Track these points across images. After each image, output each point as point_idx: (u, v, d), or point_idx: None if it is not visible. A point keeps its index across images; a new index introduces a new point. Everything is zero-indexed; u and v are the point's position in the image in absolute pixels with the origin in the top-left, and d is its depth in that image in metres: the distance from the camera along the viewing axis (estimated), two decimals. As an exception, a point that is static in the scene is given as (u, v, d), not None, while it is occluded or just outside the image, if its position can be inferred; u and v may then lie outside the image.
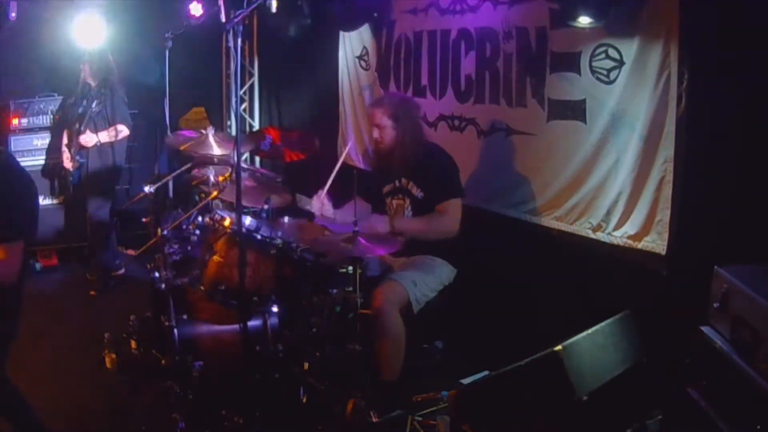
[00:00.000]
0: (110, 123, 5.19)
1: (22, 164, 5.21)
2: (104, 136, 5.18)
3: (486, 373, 3.53)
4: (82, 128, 5.12)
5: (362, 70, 5.34)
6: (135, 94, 5.61)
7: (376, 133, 3.66)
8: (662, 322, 3.05)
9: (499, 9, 3.97)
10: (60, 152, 5.42)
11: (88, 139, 5.13)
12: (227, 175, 3.62)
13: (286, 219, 3.80)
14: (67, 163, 5.27)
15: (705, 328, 2.43)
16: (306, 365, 3.30)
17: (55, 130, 5.67)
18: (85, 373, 3.81)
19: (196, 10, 5.55)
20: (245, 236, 3.23)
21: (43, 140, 5.73)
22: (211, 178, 3.69)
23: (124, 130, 5.28)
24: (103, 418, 3.46)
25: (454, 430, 3.11)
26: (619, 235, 3.37)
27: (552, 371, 2.92)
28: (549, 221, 3.78)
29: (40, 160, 5.72)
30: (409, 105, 3.76)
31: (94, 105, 5.11)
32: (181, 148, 3.97)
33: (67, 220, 5.82)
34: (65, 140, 5.33)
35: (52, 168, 5.71)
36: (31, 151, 5.70)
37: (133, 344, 3.79)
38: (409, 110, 3.69)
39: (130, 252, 5.83)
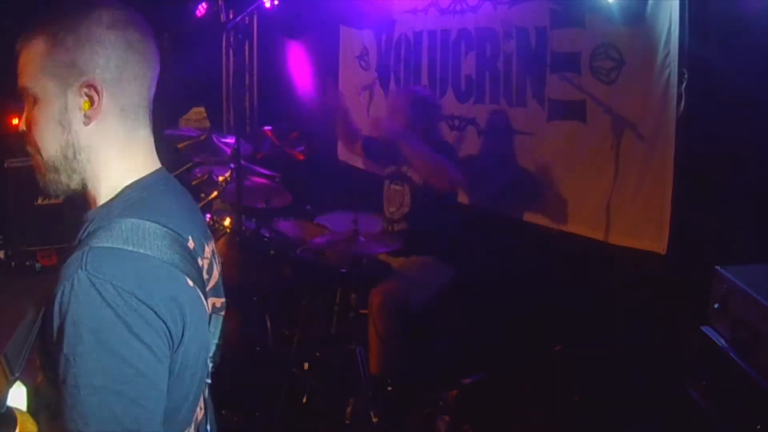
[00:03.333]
0: None
1: (21, 164, 5.30)
2: None
3: (486, 373, 3.53)
4: None
5: (362, 70, 5.33)
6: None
7: (388, 115, 3.80)
8: (662, 322, 3.05)
9: (499, 9, 3.97)
10: None
11: None
12: (227, 175, 3.62)
13: (285, 219, 3.81)
14: None
15: (705, 328, 2.43)
16: (306, 365, 3.30)
17: None
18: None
19: (201, 10, 5.56)
20: (245, 236, 3.24)
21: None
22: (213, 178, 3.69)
23: None
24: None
25: (454, 430, 3.12)
26: (619, 235, 3.37)
27: (552, 371, 2.93)
28: (549, 221, 3.78)
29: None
30: (430, 102, 3.89)
31: None
32: (180, 146, 3.97)
33: (67, 220, 5.82)
34: None
35: None
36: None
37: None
38: (429, 107, 3.80)
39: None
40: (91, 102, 1.13)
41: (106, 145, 1.16)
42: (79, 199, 1.20)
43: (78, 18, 1.12)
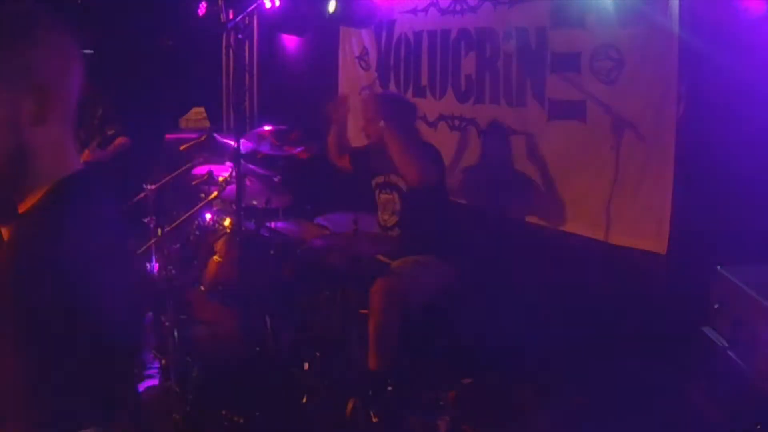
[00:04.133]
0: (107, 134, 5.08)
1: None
2: (110, 152, 5.02)
3: (486, 373, 3.53)
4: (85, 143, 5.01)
5: (362, 70, 5.34)
6: (135, 93, 5.61)
7: (364, 125, 3.71)
8: (662, 322, 3.05)
9: (499, 9, 3.97)
10: None
11: (99, 155, 4.98)
12: (227, 175, 3.62)
13: (285, 219, 3.81)
14: None
15: (705, 328, 2.43)
16: (306, 365, 3.30)
17: None
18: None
19: (202, 9, 5.58)
20: (245, 236, 3.24)
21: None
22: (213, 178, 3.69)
23: (126, 143, 5.11)
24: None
25: (454, 430, 3.12)
26: (619, 235, 3.37)
27: (552, 371, 2.93)
28: (549, 221, 3.78)
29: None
30: (402, 106, 3.79)
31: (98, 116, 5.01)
32: (181, 148, 3.98)
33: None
34: None
35: None
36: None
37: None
38: (401, 111, 3.71)
39: (130, 252, 5.80)
40: (42, 103, 1.13)
41: (50, 144, 1.17)
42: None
43: (20, 23, 1.14)
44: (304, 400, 3.23)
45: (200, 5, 5.57)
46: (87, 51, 5.34)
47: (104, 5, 5.70)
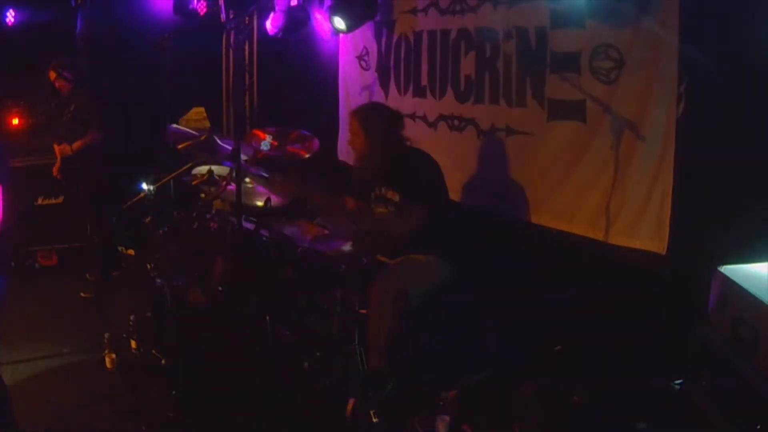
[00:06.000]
0: (86, 129, 5.15)
1: (22, 164, 5.31)
2: (77, 145, 5.15)
3: (486, 373, 3.53)
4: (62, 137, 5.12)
5: (362, 70, 5.34)
6: (135, 93, 5.60)
7: (349, 139, 3.71)
8: (662, 322, 3.05)
9: (499, 9, 3.97)
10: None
11: (63, 150, 5.13)
12: (227, 175, 3.62)
13: (285, 219, 3.81)
14: (56, 172, 5.29)
15: (705, 328, 2.43)
16: (306, 365, 3.30)
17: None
18: (86, 374, 3.81)
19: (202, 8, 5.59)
20: (245, 236, 3.24)
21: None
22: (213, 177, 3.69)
23: (96, 137, 5.21)
24: (103, 418, 3.46)
25: (454, 430, 3.12)
26: (619, 235, 3.37)
27: (552, 371, 2.93)
28: (549, 221, 3.78)
29: (38, 160, 5.70)
30: (383, 115, 3.72)
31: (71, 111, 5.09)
32: (180, 147, 3.97)
33: (67, 220, 5.81)
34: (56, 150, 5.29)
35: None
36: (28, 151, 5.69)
37: (133, 344, 3.80)
38: (383, 120, 3.66)
39: (130, 252, 5.83)
40: None
41: None
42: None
43: None
44: (304, 400, 3.23)
45: (200, 5, 5.57)
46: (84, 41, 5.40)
47: (100, 5, 5.71)
